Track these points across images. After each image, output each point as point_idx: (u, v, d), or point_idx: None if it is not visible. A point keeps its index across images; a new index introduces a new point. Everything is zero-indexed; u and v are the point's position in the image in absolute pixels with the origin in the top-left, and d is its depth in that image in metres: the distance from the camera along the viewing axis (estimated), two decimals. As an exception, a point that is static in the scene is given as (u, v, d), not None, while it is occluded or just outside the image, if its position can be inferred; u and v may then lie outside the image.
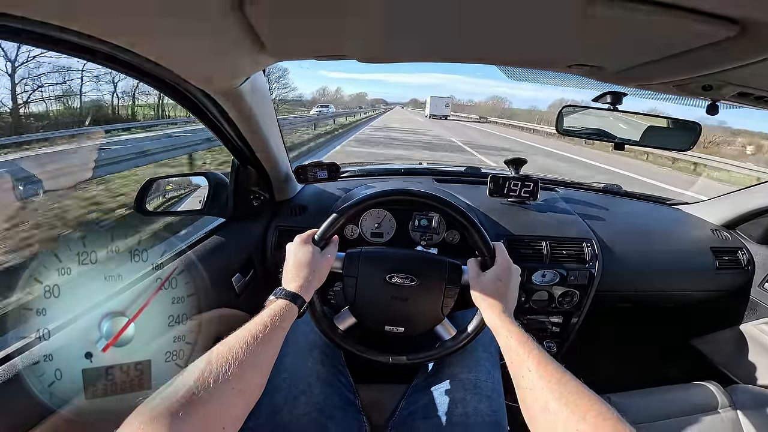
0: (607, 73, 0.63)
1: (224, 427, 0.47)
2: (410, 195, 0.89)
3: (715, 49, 0.47)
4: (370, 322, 0.89)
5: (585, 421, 0.46)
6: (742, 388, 1.17)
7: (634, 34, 0.49)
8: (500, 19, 0.49)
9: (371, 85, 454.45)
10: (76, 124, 21.28)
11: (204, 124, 0.86)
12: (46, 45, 0.44)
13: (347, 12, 0.48)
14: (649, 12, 0.42)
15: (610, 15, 0.44)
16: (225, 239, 1.13)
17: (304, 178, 1.27)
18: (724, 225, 1.57)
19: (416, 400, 0.89)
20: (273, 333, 0.58)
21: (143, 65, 0.54)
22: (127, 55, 0.49)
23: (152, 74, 0.59)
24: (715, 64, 0.51)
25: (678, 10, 0.42)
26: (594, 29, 0.49)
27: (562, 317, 1.41)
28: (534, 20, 0.49)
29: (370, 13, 0.48)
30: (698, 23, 0.43)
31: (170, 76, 0.59)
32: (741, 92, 0.59)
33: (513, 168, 1.43)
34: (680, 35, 0.46)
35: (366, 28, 0.53)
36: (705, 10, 0.41)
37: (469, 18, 0.49)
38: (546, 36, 0.54)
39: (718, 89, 0.58)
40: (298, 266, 0.75)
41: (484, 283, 0.77)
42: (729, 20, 0.42)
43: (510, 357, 0.63)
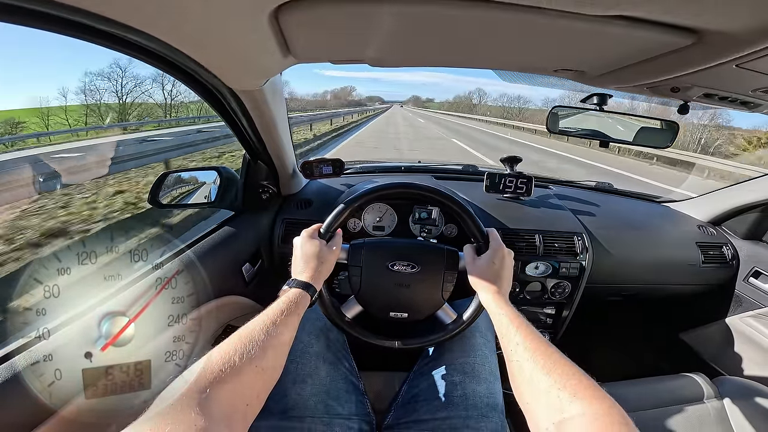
0: (588, 77, 0.70)
1: (248, 404, 0.49)
2: (410, 188, 0.94)
3: (678, 56, 0.54)
4: (375, 309, 0.93)
5: (566, 388, 0.49)
6: (728, 379, 1.19)
7: (608, 43, 0.56)
8: (494, 31, 0.56)
9: (368, 83, 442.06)
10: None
11: (223, 118, 0.92)
12: (80, 34, 0.46)
13: (368, 25, 0.54)
14: (620, 24, 0.49)
15: (588, 27, 0.51)
16: (235, 230, 1.17)
17: (310, 174, 1.33)
18: (710, 221, 1.61)
19: (417, 384, 0.93)
20: (289, 318, 0.63)
21: (179, 61, 0.59)
22: (163, 49, 0.54)
23: (184, 70, 0.64)
24: (678, 68, 0.58)
25: (644, 22, 0.49)
26: (574, 40, 0.56)
27: (554, 308, 1.46)
28: (526, 32, 0.55)
29: (388, 26, 0.54)
30: (661, 33, 0.50)
31: (204, 74, 0.65)
32: (706, 93, 0.66)
33: (508, 165, 1.49)
34: (646, 44, 0.53)
35: (381, 38, 0.59)
36: (666, 21, 0.48)
37: (465, 30, 0.56)
38: (534, 45, 0.61)
39: (686, 91, 0.65)
40: (307, 258, 0.79)
41: (480, 266, 0.81)
42: (687, 30, 0.49)
43: (501, 333, 0.66)
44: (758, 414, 1.05)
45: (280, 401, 0.81)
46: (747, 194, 1.49)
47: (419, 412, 0.86)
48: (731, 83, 0.63)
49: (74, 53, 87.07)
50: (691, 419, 1.06)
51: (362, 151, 12.62)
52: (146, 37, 0.49)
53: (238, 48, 0.60)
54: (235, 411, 0.47)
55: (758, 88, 0.65)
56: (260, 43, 0.58)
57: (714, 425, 1.04)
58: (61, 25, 0.43)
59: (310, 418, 0.80)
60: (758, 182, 1.46)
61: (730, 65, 0.54)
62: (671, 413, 1.07)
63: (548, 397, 0.50)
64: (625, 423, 0.44)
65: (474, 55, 0.67)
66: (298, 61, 0.70)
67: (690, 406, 1.09)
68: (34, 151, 9.16)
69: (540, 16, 0.47)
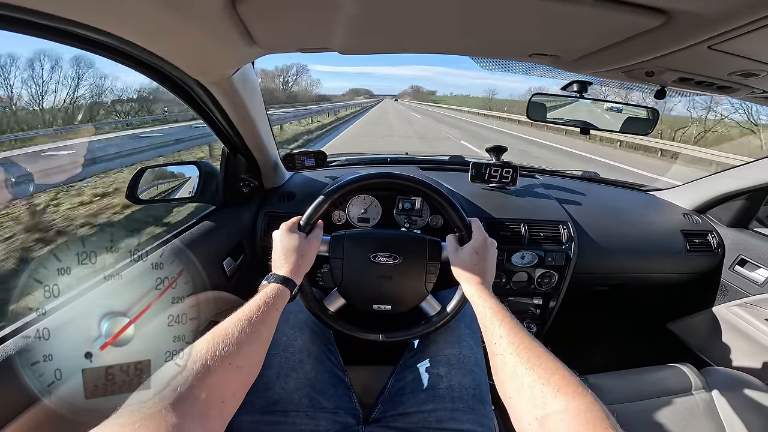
0: (563, 62, 0.69)
1: (223, 401, 0.49)
2: (391, 178, 0.93)
3: (649, 37, 0.53)
4: (358, 302, 0.91)
5: (549, 384, 0.49)
6: (716, 370, 1.19)
7: (579, 25, 0.55)
8: (463, 13, 0.54)
9: (359, 77, 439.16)
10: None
11: (196, 112, 0.90)
12: (41, 34, 0.45)
13: (329, 9, 0.52)
14: (589, 5, 0.48)
15: (559, 8, 0.49)
16: (216, 225, 1.16)
17: (292, 166, 1.32)
18: (695, 209, 1.61)
19: (404, 377, 0.92)
20: (267, 314, 0.61)
21: (141, 56, 0.58)
22: (126, 46, 0.53)
23: (149, 64, 0.63)
24: (650, 51, 0.57)
25: (612, 2, 0.47)
26: (545, 22, 0.55)
27: (541, 299, 1.46)
28: (493, 14, 0.54)
29: (349, 10, 0.53)
30: (631, 14, 0.49)
31: (167, 66, 0.63)
32: (681, 77, 0.65)
33: (494, 155, 1.48)
34: (617, 26, 0.52)
35: (345, 23, 0.58)
36: (633, 1, 0.47)
37: (432, 14, 0.54)
38: (505, 28, 0.59)
39: (660, 74, 0.64)
40: (286, 252, 0.78)
41: (462, 257, 0.80)
42: (656, 11, 0.48)
43: (485, 325, 0.65)
44: (747, 405, 1.05)
45: (264, 395, 0.80)
46: (732, 182, 1.49)
47: (405, 405, 0.85)
48: (706, 66, 0.62)
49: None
50: (679, 411, 1.05)
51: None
52: (90, 29, 0.47)
53: (196, 38, 0.58)
54: (210, 408, 0.47)
55: (734, 71, 0.64)
56: (219, 33, 0.57)
57: (703, 417, 1.04)
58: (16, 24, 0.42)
59: (295, 412, 0.79)
60: (742, 170, 1.46)
61: (702, 47, 0.53)
62: (660, 405, 1.06)
63: (532, 392, 0.50)
64: (605, 418, 0.44)
65: (445, 39, 0.65)
66: (266, 51, 0.68)
67: (678, 397, 1.08)
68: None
69: None
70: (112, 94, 43.71)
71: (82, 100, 34.95)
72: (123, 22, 0.49)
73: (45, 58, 37.90)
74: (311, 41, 0.66)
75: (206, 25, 0.54)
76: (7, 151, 9.39)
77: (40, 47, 36.65)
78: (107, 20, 0.47)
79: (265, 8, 0.51)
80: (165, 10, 0.47)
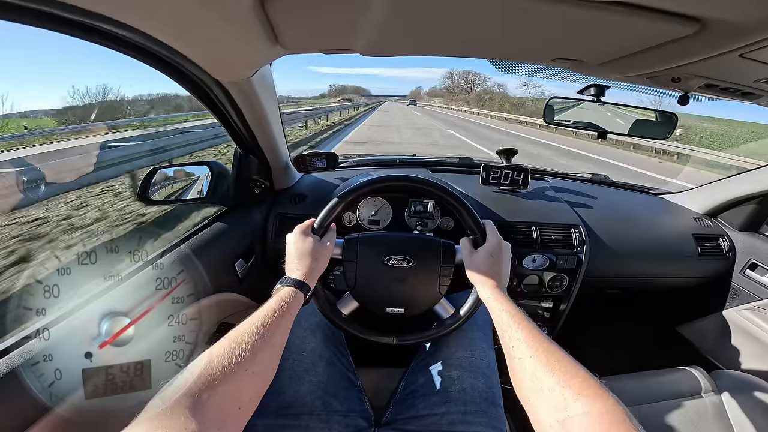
0: (587, 66, 0.68)
1: (240, 407, 0.49)
2: (405, 180, 0.92)
3: (679, 45, 0.52)
4: (371, 305, 0.91)
5: (570, 387, 0.49)
6: (726, 373, 1.18)
7: (608, 31, 0.54)
8: (489, 17, 0.54)
9: (364, 79, 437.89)
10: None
11: (212, 112, 0.89)
12: (62, 28, 0.45)
13: (359, 9, 0.52)
14: (622, 12, 0.47)
15: (589, 15, 0.49)
16: (227, 226, 1.15)
17: (304, 167, 1.32)
18: (706, 213, 1.60)
19: (415, 380, 0.92)
20: (281, 318, 0.62)
21: (163, 53, 0.57)
22: (150, 43, 0.52)
23: (169, 63, 0.62)
24: (680, 57, 0.56)
25: (646, 10, 0.47)
26: (574, 27, 0.54)
27: (552, 302, 1.45)
28: (526, 18, 0.53)
29: (380, 11, 0.52)
30: (663, 22, 0.48)
31: (188, 65, 0.63)
32: (707, 84, 0.64)
33: (504, 158, 1.48)
34: (648, 32, 0.51)
35: (374, 24, 0.57)
36: (667, 9, 0.46)
37: (460, 17, 0.54)
38: (533, 33, 0.59)
39: (686, 81, 0.63)
40: (300, 255, 0.78)
41: (477, 260, 0.80)
42: (689, 18, 0.47)
43: (502, 329, 0.65)
44: (757, 408, 1.04)
45: (277, 398, 0.80)
46: (743, 186, 1.48)
47: (417, 407, 0.84)
48: (733, 73, 0.62)
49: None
50: (689, 413, 1.05)
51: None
52: (116, 24, 0.46)
53: (221, 37, 0.57)
54: (227, 414, 0.47)
55: (760, 78, 0.63)
56: (245, 32, 0.56)
57: (712, 420, 1.03)
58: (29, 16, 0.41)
59: (308, 415, 0.79)
60: (754, 174, 1.45)
61: (733, 55, 0.53)
62: (669, 408, 1.06)
63: (552, 395, 0.50)
64: (628, 420, 0.44)
65: (470, 43, 0.64)
66: (287, 52, 0.67)
67: (688, 400, 1.08)
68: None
69: (540, 2, 0.45)
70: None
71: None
72: (151, 17, 0.48)
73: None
74: (336, 42, 0.65)
75: (233, 23, 0.54)
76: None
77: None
78: (136, 15, 0.47)
79: (294, 8, 0.51)
80: (195, 7, 0.47)
